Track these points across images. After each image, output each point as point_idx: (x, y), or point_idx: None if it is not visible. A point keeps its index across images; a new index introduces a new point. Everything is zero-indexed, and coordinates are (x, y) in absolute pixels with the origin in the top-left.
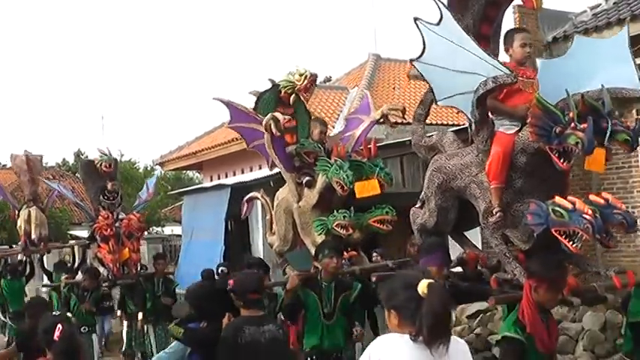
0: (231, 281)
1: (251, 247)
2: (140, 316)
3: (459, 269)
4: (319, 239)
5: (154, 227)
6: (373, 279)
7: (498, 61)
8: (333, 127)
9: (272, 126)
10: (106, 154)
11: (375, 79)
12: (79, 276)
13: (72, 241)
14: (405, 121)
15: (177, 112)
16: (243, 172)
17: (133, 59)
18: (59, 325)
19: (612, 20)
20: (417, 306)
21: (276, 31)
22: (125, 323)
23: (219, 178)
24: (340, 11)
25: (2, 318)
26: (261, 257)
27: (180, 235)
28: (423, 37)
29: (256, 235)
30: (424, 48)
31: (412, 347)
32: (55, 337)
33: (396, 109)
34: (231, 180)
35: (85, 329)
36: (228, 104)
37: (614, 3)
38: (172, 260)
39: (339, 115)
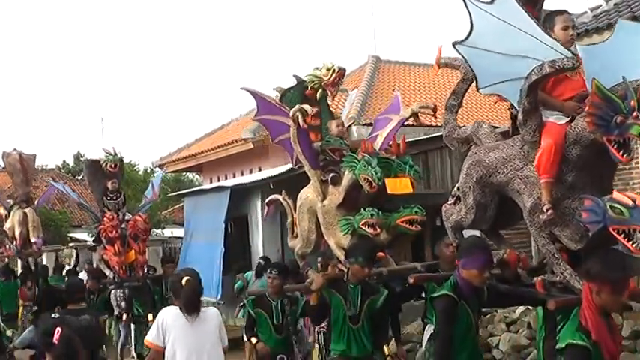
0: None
1: (251, 249)
2: (150, 317)
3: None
4: (344, 239)
5: (154, 229)
6: (411, 280)
7: (559, 42)
8: None
9: (299, 118)
10: (111, 155)
11: (374, 81)
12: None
13: (71, 244)
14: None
15: (177, 115)
16: (242, 174)
17: (132, 62)
18: (58, 328)
19: (613, 22)
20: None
21: (275, 34)
22: (133, 326)
23: (218, 180)
24: (340, 13)
25: None
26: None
27: (180, 237)
28: (471, 17)
29: (256, 237)
30: (471, 29)
31: (180, 315)
32: (55, 340)
33: (426, 107)
34: (230, 182)
35: None
36: (256, 95)
37: (614, 4)
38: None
39: (339, 116)
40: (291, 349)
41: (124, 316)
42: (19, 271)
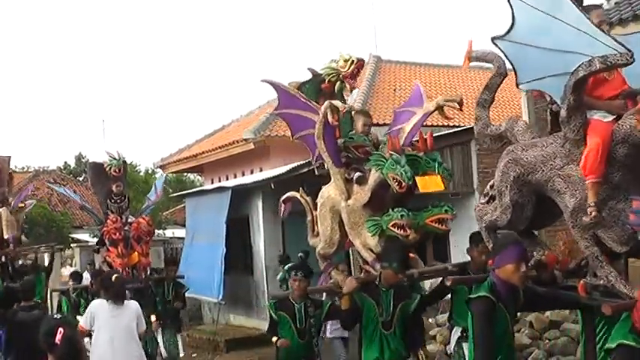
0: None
1: (252, 250)
2: (153, 318)
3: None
4: (371, 240)
5: (156, 230)
6: (448, 283)
7: (612, 37)
8: None
9: (329, 114)
10: (115, 158)
11: (375, 80)
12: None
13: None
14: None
15: (178, 115)
16: (243, 175)
17: (133, 63)
18: (60, 329)
19: (614, 20)
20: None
21: (276, 34)
22: None
23: (219, 181)
24: (340, 12)
25: None
26: (262, 259)
27: (181, 238)
28: (513, 11)
29: (257, 238)
30: (513, 24)
31: (106, 305)
32: (57, 341)
33: (452, 100)
34: (231, 182)
35: None
36: (278, 87)
37: (615, 3)
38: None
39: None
40: (313, 353)
41: None
42: None
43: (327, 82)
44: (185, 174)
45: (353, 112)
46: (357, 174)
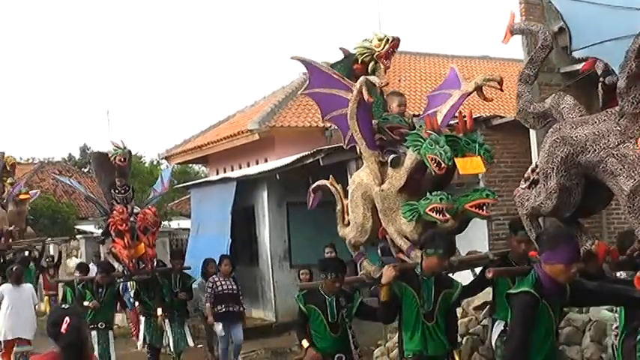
0: None
1: (257, 240)
2: (160, 311)
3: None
4: (407, 227)
5: (161, 221)
6: (489, 274)
7: None
8: None
9: (364, 91)
10: (120, 148)
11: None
12: (92, 272)
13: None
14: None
15: (183, 106)
16: (248, 166)
17: (138, 54)
18: (67, 318)
19: None
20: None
21: (281, 24)
22: (143, 319)
23: (224, 172)
24: (345, 2)
25: None
26: (267, 250)
27: (186, 229)
28: None
29: (262, 228)
30: None
31: (10, 286)
32: (63, 330)
33: (492, 79)
34: (236, 173)
35: (102, 325)
36: (310, 65)
37: None
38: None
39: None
40: (349, 348)
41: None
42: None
43: (359, 62)
44: (190, 165)
45: (386, 94)
46: (392, 156)
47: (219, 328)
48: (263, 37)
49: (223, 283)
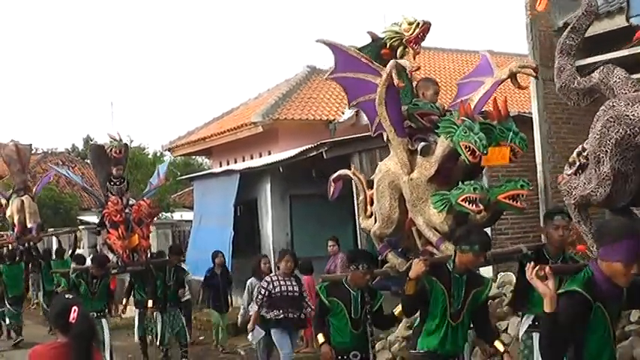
0: None
1: (260, 233)
2: (150, 303)
3: None
4: (437, 218)
5: (164, 213)
6: (548, 271)
7: None
8: (343, 114)
9: (394, 75)
10: (116, 140)
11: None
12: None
13: (65, 228)
14: None
15: (187, 98)
16: (252, 158)
17: (143, 46)
18: (74, 307)
19: (624, 5)
20: None
21: (286, 17)
22: (136, 310)
23: (228, 164)
24: None
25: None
26: (270, 243)
27: (189, 221)
28: None
29: (265, 221)
30: None
31: None
32: (72, 320)
33: (527, 66)
34: (240, 165)
35: (94, 315)
36: (336, 48)
37: None
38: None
39: (346, 103)
40: (367, 346)
41: (124, 301)
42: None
43: (388, 47)
44: (193, 157)
45: (416, 81)
46: (422, 144)
47: (252, 335)
48: (267, 30)
49: (282, 283)
